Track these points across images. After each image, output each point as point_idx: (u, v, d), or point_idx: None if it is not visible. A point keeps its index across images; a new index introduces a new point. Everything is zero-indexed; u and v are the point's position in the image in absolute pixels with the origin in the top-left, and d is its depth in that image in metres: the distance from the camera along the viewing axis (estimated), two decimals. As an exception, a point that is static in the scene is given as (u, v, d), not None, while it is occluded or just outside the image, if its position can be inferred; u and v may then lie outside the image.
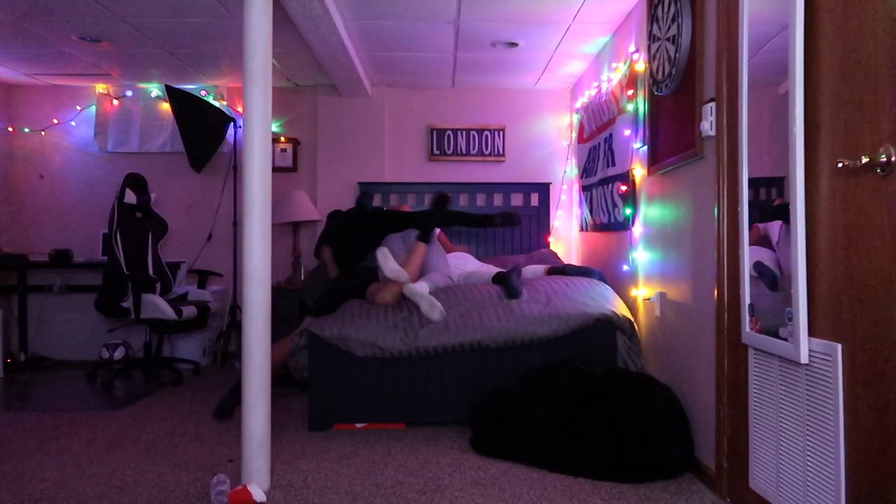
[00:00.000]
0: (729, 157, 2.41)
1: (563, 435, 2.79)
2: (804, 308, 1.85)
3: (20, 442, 3.23)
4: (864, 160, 1.61)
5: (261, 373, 2.54)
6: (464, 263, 4.38)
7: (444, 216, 4.03)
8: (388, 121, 5.64)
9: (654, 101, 3.29)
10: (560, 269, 4.22)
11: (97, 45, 4.49)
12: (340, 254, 4.44)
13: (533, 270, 4.32)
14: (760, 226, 2.18)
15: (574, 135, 5.32)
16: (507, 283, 3.68)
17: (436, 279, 3.79)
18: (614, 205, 3.97)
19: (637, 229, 3.59)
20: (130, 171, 5.01)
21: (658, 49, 3.10)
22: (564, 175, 5.60)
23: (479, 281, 4.01)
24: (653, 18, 3.18)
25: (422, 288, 3.50)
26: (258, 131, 2.54)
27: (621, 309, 3.58)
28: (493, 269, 4.16)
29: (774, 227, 2.09)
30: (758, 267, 2.16)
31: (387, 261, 3.61)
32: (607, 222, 4.16)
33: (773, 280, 2.07)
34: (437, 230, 4.31)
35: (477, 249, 5.35)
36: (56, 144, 5.67)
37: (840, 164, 1.68)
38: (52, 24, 4.11)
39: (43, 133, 5.66)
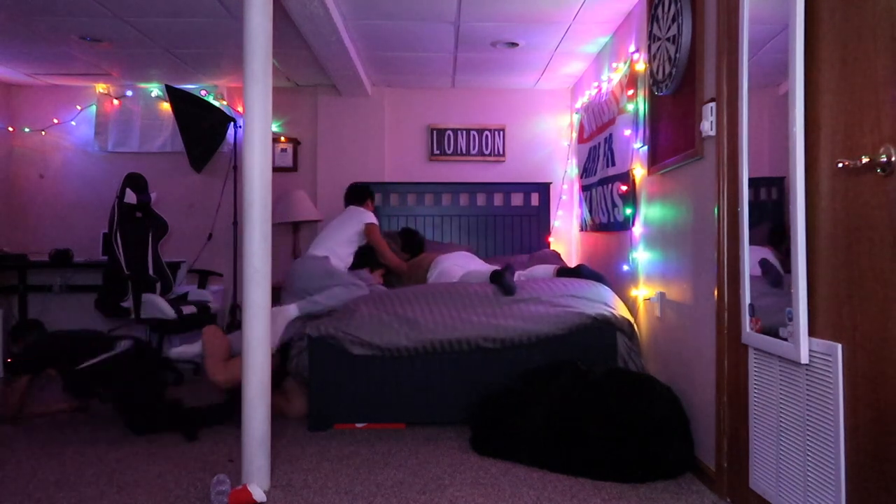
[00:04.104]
0: (729, 157, 2.41)
1: (563, 435, 2.78)
2: (804, 308, 1.85)
3: (20, 442, 3.23)
4: (865, 160, 1.61)
5: (261, 373, 2.54)
6: (466, 263, 4.38)
7: None
8: (388, 121, 5.64)
9: (654, 101, 3.29)
10: (573, 270, 4.04)
11: (97, 45, 4.49)
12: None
13: (543, 271, 4.21)
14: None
15: (574, 135, 5.32)
16: (501, 282, 3.70)
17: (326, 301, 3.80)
18: (614, 205, 3.96)
19: (637, 229, 3.59)
20: (130, 171, 5.00)
21: (658, 49, 3.10)
22: (565, 175, 5.60)
23: (479, 280, 4.01)
24: (653, 18, 3.18)
25: (290, 311, 3.78)
26: (258, 131, 2.54)
27: (621, 309, 3.58)
28: (492, 268, 4.15)
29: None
30: (763, 265, 2.16)
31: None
32: (607, 222, 4.16)
33: (777, 278, 2.07)
34: None
35: (478, 249, 5.34)
36: (56, 144, 5.67)
37: (840, 164, 1.68)
38: (52, 24, 4.11)
39: (43, 133, 5.65)
